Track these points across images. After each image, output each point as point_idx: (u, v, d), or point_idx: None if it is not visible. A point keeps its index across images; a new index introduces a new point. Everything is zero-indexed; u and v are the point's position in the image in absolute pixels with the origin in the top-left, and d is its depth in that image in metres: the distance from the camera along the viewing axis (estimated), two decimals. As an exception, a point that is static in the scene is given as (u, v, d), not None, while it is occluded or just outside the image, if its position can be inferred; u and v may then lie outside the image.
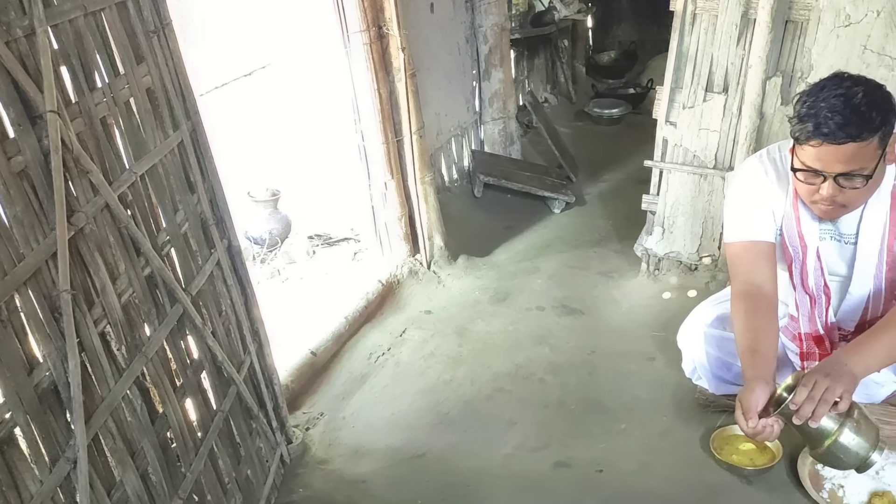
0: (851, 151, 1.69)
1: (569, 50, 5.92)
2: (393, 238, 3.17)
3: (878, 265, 1.97)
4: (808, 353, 2.10)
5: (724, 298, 2.37)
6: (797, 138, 1.75)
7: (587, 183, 4.45)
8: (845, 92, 1.68)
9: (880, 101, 1.70)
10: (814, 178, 1.78)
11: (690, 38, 2.76)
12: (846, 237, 1.98)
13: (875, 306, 2.03)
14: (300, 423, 2.34)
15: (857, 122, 1.66)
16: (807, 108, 1.71)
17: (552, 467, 2.15)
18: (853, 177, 1.74)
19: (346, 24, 2.74)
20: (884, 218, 1.90)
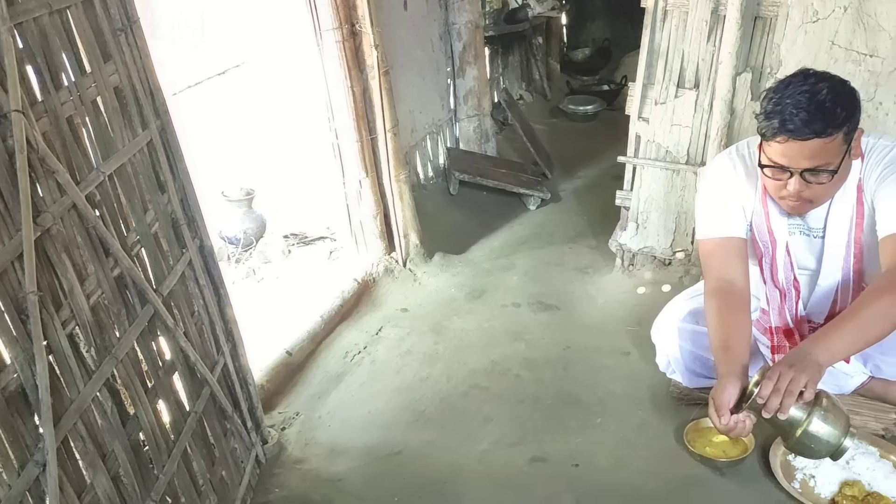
0: (817, 147, 1.72)
1: (543, 47, 5.94)
2: (368, 236, 3.17)
3: (846, 258, 2.00)
4: (778, 346, 2.13)
5: (697, 293, 2.40)
6: (764, 135, 1.78)
7: (562, 179, 4.47)
8: (810, 88, 1.71)
9: (845, 97, 1.73)
10: (781, 174, 1.81)
11: (661, 34, 2.78)
12: (814, 231, 2.01)
13: (843, 298, 2.07)
14: (276, 423, 2.32)
15: (821, 119, 1.69)
16: (773, 104, 1.74)
17: (528, 463, 2.15)
18: (819, 172, 1.77)
19: (319, 22, 2.73)
20: (850, 211, 1.94)
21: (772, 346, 2.14)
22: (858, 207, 1.94)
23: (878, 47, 2.48)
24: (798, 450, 1.77)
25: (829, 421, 1.70)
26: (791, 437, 1.73)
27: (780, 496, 1.96)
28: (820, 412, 1.70)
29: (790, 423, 1.70)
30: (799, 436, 1.71)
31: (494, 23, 4.99)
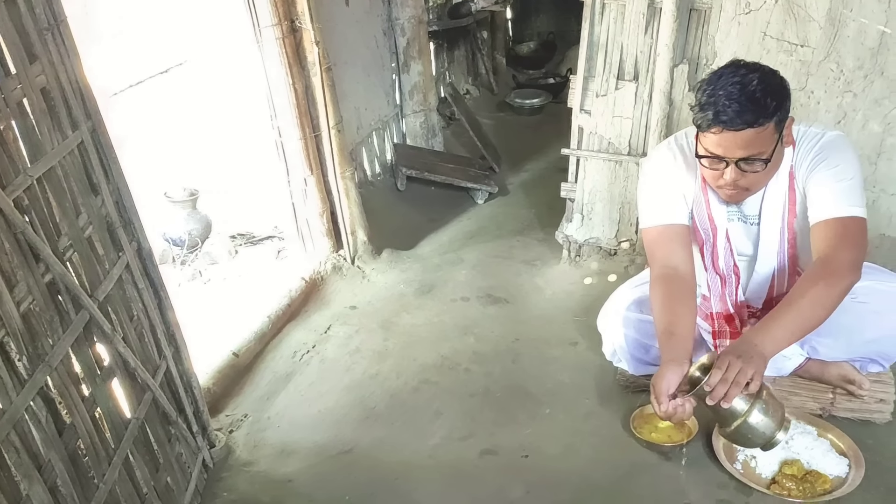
0: (750, 137, 1.77)
1: (489, 41, 5.96)
2: (315, 234, 3.14)
3: (780, 243, 2.06)
4: (719, 331, 2.18)
5: (641, 282, 2.44)
6: (699, 126, 1.82)
7: (510, 173, 4.50)
8: (741, 80, 1.76)
9: (775, 87, 1.78)
10: (717, 164, 1.86)
11: (600, 27, 2.82)
12: (750, 218, 2.07)
13: (780, 283, 2.13)
14: (223, 426, 2.29)
15: (752, 109, 1.74)
16: (706, 96, 1.79)
17: (479, 455, 2.17)
18: (753, 161, 1.83)
19: (258, 19, 2.69)
20: (783, 198, 2.00)
21: (713, 331, 2.19)
22: (790, 194, 2.00)
23: (809, 37, 2.55)
24: (734, 438, 1.82)
25: (768, 414, 1.76)
26: (729, 426, 1.78)
27: (723, 478, 2.01)
28: (760, 405, 1.75)
29: (731, 412, 1.75)
30: (736, 426, 1.76)
31: (438, 18, 4.98)
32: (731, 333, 2.15)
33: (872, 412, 2.16)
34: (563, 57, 6.23)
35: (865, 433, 2.13)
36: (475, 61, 5.83)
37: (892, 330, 2.10)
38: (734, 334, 2.14)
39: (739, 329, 2.14)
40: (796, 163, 1.97)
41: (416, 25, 4.18)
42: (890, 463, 2.04)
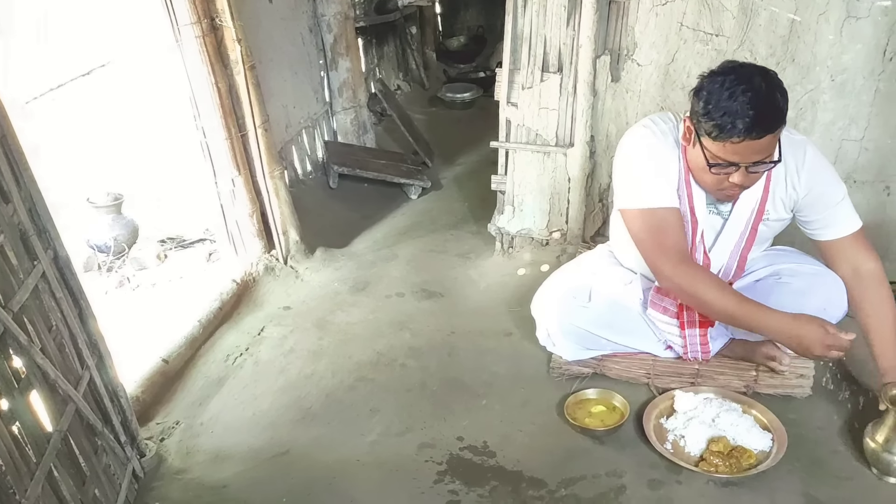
0: (767, 143, 1.81)
1: (418, 36, 5.95)
2: (246, 235, 3.09)
3: (738, 242, 2.13)
4: (688, 321, 2.21)
5: (572, 269, 2.48)
6: (715, 136, 1.80)
7: (443, 167, 4.51)
8: (748, 86, 1.76)
9: (779, 86, 1.82)
10: (726, 170, 1.87)
11: (524, 20, 2.84)
12: (723, 213, 2.11)
13: (724, 275, 2.19)
14: (154, 435, 2.24)
15: (773, 118, 1.78)
16: (717, 108, 1.77)
17: (417, 450, 2.17)
18: (763, 164, 1.86)
19: (176, 17, 2.62)
20: (757, 197, 2.04)
21: (681, 322, 2.22)
22: (764, 194, 2.05)
23: (723, 27, 2.62)
24: None
25: None
26: None
27: (654, 458, 2.06)
28: None
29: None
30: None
31: (365, 13, 4.95)
32: (701, 322, 2.20)
33: (793, 387, 2.25)
34: (494, 50, 6.26)
35: (788, 408, 2.22)
36: (405, 57, 5.82)
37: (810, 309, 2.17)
38: (704, 323, 2.20)
39: (706, 316, 2.18)
40: (776, 168, 1.98)
41: (343, 22, 4.15)
42: (811, 435, 2.12)
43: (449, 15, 6.65)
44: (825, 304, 2.16)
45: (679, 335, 2.25)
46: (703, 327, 2.21)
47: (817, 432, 2.13)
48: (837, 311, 2.17)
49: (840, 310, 2.18)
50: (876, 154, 2.71)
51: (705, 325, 2.21)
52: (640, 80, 2.80)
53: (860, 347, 2.45)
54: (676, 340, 2.26)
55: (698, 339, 2.23)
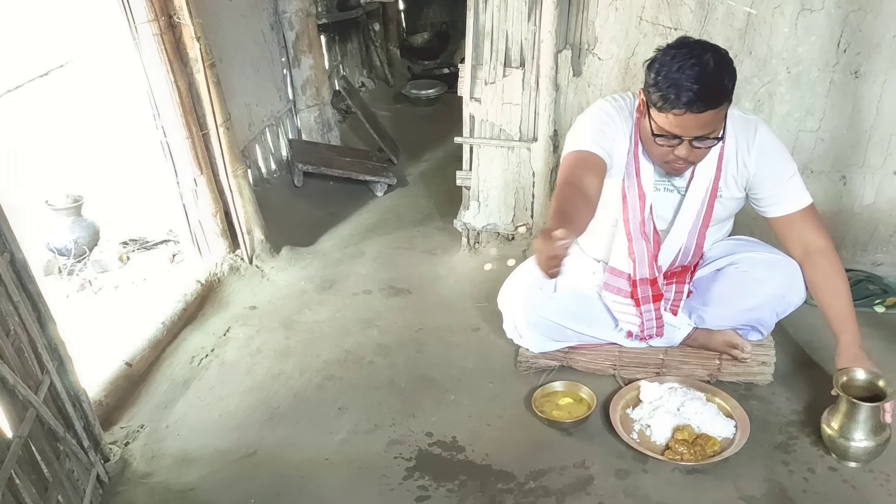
0: (709, 118, 1.85)
1: (382, 33, 5.93)
2: (210, 236, 3.05)
3: (696, 220, 2.15)
4: (643, 297, 2.24)
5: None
6: (659, 107, 1.86)
7: (409, 164, 4.51)
8: (697, 61, 1.81)
9: (729, 67, 1.86)
10: (670, 142, 1.92)
11: (485, 15, 2.85)
12: (679, 189, 2.15)
13: (685, 255, 2.23)
14: (118, 439, 2.21)
15: (716, 93, 1.82)
16: (664, 77, 1.83)
17: (386, 447, 2.17)
18: (706, 139, 1.91)
19: (133, 15, 2.58)
20: (711, 176, 2.09)
21: (636, 299, 2.25)
22: (717, 173, 2.09)
23: (681, 20, 2.66)
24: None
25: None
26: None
27: (621, 448, 2.09)
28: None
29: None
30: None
31: (327, 10, 4.92)
32: (655, 297, 2.24)
33: (755, 375, 2.29)
34: (458, 47, 6.26)
35: (750, 395, 2.26)
36: (369, 53, 5.79)
37: (769, 297, 2.23)
38: (657, 297, 2.23)
39: (661, 290, 2.23)
40: (729, 143, 2.06)
41: (305, 18, 4.12)
42: (772, 420, 2.17)
43: (412, 11, 6.63)
44: (784, 290, 2.21)
45: (635, 314, 2.27)
46: (657, 301, 2.24)
47: (779, 418, 2.18)
48: (796, 297, 2.23)
49: (799, 296, 2.23)
50: (831, 144, 2.76)
51: (658, 298, 2.24)
52: (601, 74, 2.83)
53: (815, 335, 2.51)
54: (633, 321, 2.28)
55: (654, 315, 2.25)
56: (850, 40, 2.59)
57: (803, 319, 2.51)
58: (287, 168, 4.07)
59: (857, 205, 2.85)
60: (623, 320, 2.30)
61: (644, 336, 2.30)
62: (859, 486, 1.92)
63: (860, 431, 1.92)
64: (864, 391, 1.95)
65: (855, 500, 1.89)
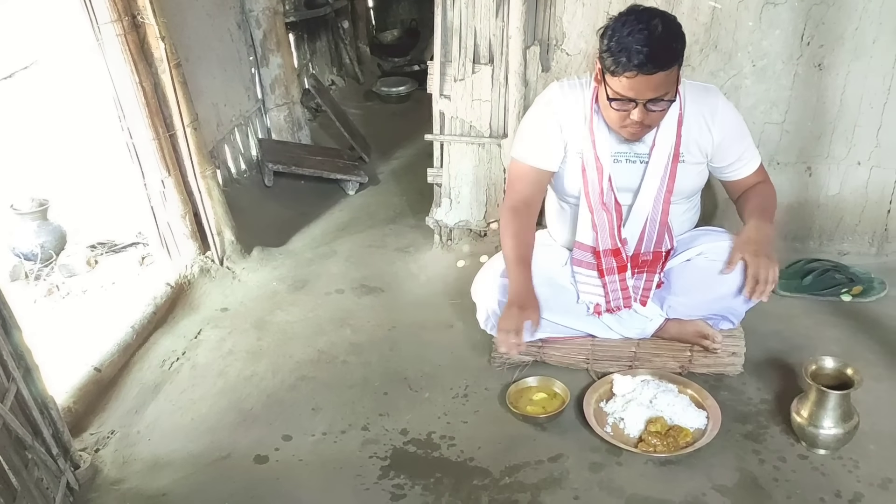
0: (660, 80, 1.90)
1: (351, 31, 5.90)
2: (179, 237, 3.02)
3: (660, 188, 2.18)
4: (607, 269, 2.27)
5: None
6: (612, 71, 1.92)
7: (380, 162, 4.49)
8: (646, 26, 1.86)
9: (677, 31, 1.93)
10: (626, 106, 1.96)
11: (453, 12, 2.85)
12: (641, 157, 2.18)
13: (649, 234, 2.25)
14: (88, 446, 2.18)
15: (665, 54, 1.88)
16: (616, 42, 1.89)
17: (361, 446, 2.16)
18: (660, 101, 1.96)
19: (95, 15, 2.54)
20: (672, 139, 2.13)
21: (600, 269, 2.28)
22: (677, 139, 2.14)
23: (648, 15, 2.66)
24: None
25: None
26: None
27: (595, 442, 2.10)
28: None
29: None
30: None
31: (295, 8, 4.88)
32: (619, 268, 2.26)
33: (726, 366, 2.32)
34: (428, 44, 6.25)
35: (721, 386, 2.29)
36: (338, 51, 5.76)
37: (739, 286, 2.25)
38: (621, 268, 2.26)
39: (626, 261, 2.26)
40: (689, 112, 2.13)
41: (272, 17, 4.08)
42: (743, 410, 2.19)
43: (381, 8, 6.61)
44: None
45: (600, 286, 2.29)
46: (622, 272, 2.27)
47: (749, 408, 2.20)
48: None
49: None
50: (797, 136, 2.80)
51: (623, 269, 2.26)
52: (569, 70, 2.84)
53: (785, 325, 2.55)
54: (599, 292, 2.31)
55: (619, 286, 2.28)
56: (813, 33, 2.63)
57: (772, 309, 2.55)
58: (257, 168, 4.04)
59: (823, 195, 2.90)
60: (590, 292, 2.32)
61: (612, 308, 2.31)
62: (829, 473, 1.95)
63: (829, 419, 1.95)
64: (833, 379, 1.98)
65: (825, 487, 1.91)
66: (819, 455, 2.00)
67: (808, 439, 2.00)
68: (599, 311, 2.33)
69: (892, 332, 2.52)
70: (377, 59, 6.17)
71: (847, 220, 2.92)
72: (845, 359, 2.03)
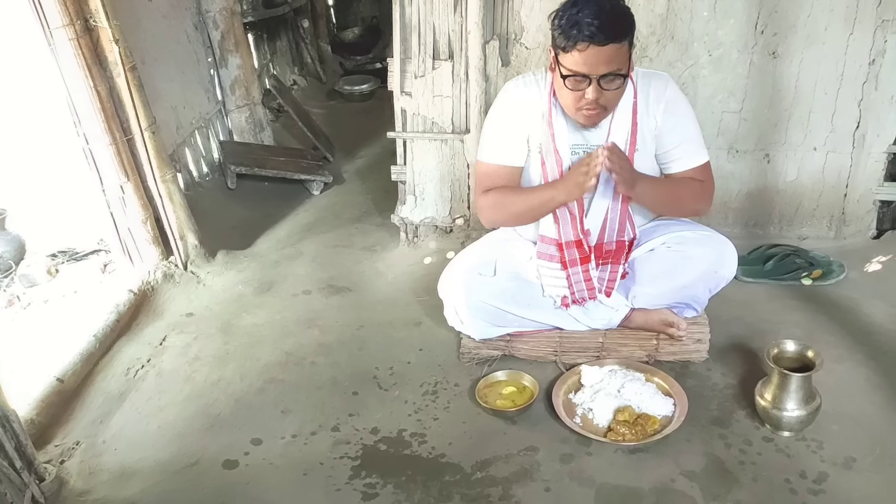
0: (612, 53, 1.92)
1: (311, 30, 5.86)
2: (140, 243, 2.97)
3: None
4: (570, 260, 2.28)
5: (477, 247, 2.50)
6: (564, 47, 1.94)
7: (344, 161, 4.47)
8: (596, 2, 1.90)
9: (625, 9, 1.97)
10: (580, 84, 1.98)
11: (411, 8, 2.84)
12: (598, 147, 2.17)
13: (611, 225, 2.26)
14: (53, 458, 2.14)
15: (615, 26, 1.91)
16: (567, 19, 1.91)
17: (331, 447, 2.15)
18: (613, 77, 1.97)
19: (47, 20, 2.49)
20: (628, 127, 2.15)
21: (563, 262, 2.29)
22: (633, 127, 2.16)
23: (605, 8, 2.68)
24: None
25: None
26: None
27: (565, 433, 2.12)
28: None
29: None
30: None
31: (253, 8, 4.83)
32: (582, 259, 2.27)
33: (691, 353, 2.35)
34: (390, 41, 6.18)
35: (687, 373, 2.32)
36: (299, 51, 5.72)
37: (701, 273, 2.29)
38: (584, 259, 2.27)
39: (588, 252, 2.27)
40: (641, 99, 2.15)
41: (230, 17, 4.04)
42: (709, 395, 2.23)
43: (342, 6, 6.57)
44: (715, 265, 2.28)
45: (564, 278, 2.30)
46: (585, 263, 2.28)
47: (715, 394, 2.23)
48: (727, 271, 2.30)
49: (729, 270, 2.31)
50: (754, 124, 2.84)
51: (586, 260, 2.27)
52: (529, 64, 2.85)
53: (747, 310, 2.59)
54: (563, 284, 2.32)
55: (582, 277, 2.29)
56: (766, 22, 2.67)
57: (735, 295, 2.59)
58: (219, 170, 4.00)
59: (781, 181, 2.94)
60: (554, 285, 2.33)
61: (577, 299, 2.33)
62: (793, 454, 1.99)
63: (792, 401, 1.98)
64: (794, 362, 2.02)
65: (790, 468, 1.95)
66: (783, 437, 2.03)
67: (772, 422, 2.03)
68: (567, 303, 2.34)
69: (852, 314, 2.57)
70: (339, 58, 6.14)
71: (805, 204, 2.97)
72: (806, 342, 2.07)
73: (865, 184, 2.89)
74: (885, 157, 2.84)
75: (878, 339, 2.43)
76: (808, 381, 1.98)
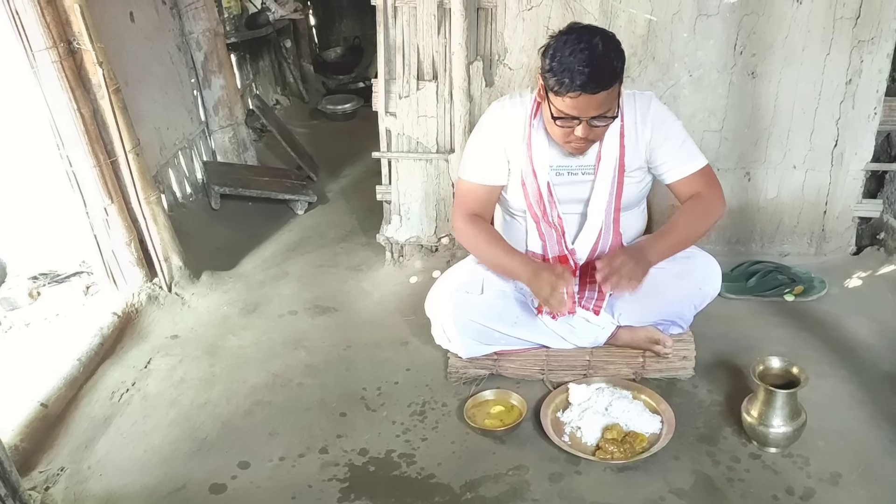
0: (602, 98, 1.94)
1: (294, 50, 5.89)
2: (124, 265, 2.95)
3: (609, 198, 2.22)
4: None
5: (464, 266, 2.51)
6: (556, 91, 1.95)
7: (329, 180, 4.48)
8: (587, 45, 1.90)
9: (617, 49, 1.96)
10: (570, 123, 2.01)
11: (395, 30, 2.87)
12: (585, 169, 2.22)
13: (604, 242, 2.28)
14: (37, 485, 2.11)
15: (607, 75, 1.91)
16: (558, 63, 1.92)
17: (320, 469, 2.14)
18: (604, 118, 2.00)
19: (29, 43, 2.48)
20: (616, 152, 2.18)
21: None
22: (621, 149, 2.19)
23: (587, 29, 2.72)
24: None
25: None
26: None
27: (553, 452, 2.12)
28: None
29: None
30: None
31: (236, 29, 4.85)
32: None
33: (678, 370, 2.36)
34: (372, 60, 6.26)
35: (673, 390, 2.33)
36: (282, 71, 5.74)
37: (686, 290, 2.32)
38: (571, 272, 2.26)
39: (574, 269, 2.28)
40: (628, 122, 2.17)
41: (213, 38, 4.05)
42: (696, 412, 2.24)
43: (324, 26, 6.61)
44: (700, 283, 2.31)
45: None
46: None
47: (702, 410, 2.25)
48: (712, 288, 2.34)
49: (714, 287, 2.34)
50: (735, 143, 2.88)
51: (572, 273, 2.27)
52: (513, 84, 2.87)
53: (732, 326, 2.61)
54: None
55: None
56: (745, 43, 2.71)
57: (719, 312, 2.61)
58: (203, 191, 3.99)
59: (762, 199, 2.98)
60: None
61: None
62: (781, 471, 2.00)
63: (778, 418, 2.00)
64: (780, 379, 2.04)
65: (777, 484, 1.96)
66: (770, 453, 2.05)
67: (758, 438, 2.05)
68: (541, 310, 2.34)
69: (834, 330, 2.60)
70: (321, 77, 6.17)
71: (786, 222, 3.01)
72: (791, 358, 2.09)
73: (844, 201, 2.94)
74: (863, 175, 2.90)
75: (860, 354, 2.46)
76: (794, 397, 2.00)
